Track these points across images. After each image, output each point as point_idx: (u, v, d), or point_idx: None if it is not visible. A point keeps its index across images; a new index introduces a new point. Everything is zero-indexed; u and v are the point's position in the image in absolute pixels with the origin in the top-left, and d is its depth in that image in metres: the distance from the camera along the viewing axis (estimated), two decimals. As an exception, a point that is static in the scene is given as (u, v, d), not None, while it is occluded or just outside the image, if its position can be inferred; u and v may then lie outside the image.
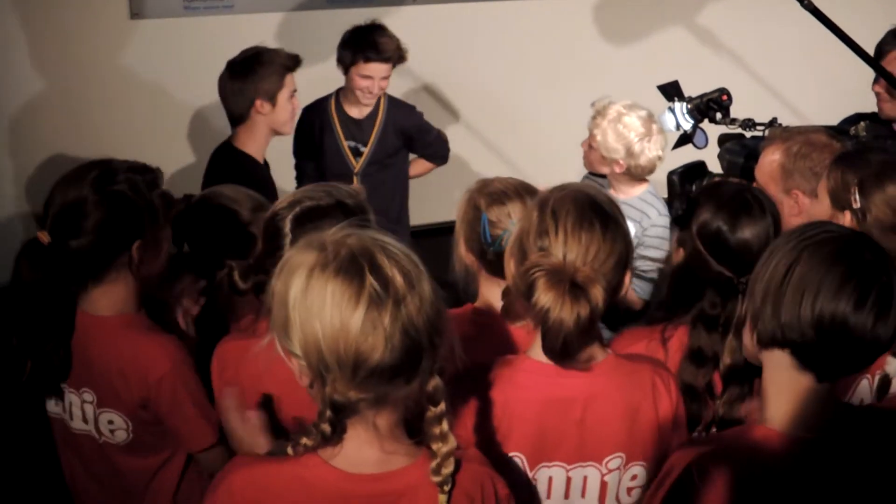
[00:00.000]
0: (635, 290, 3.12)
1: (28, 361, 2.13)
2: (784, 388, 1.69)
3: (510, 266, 1.91)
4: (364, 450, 1.53)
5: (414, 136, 4.08)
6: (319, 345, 1.46)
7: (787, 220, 2.52)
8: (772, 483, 1.67)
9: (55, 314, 2.11)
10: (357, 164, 3.92)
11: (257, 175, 3.35)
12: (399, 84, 4.99)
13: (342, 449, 1.54)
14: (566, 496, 1.91)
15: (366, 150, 3.93)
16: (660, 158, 3.30)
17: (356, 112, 3.90)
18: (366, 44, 3.77)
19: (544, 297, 1.76)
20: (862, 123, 3.11)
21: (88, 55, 4.76)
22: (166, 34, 4.79)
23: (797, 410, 1.68)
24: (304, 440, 1.53)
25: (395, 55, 3.79)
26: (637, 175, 3.33)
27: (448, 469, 1.51)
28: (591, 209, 1.86)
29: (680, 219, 2.20)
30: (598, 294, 1.77)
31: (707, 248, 2.13)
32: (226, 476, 1.57)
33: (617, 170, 3.33)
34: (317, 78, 4.96)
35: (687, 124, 2.93)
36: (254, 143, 3.45)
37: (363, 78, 3.79)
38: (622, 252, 1.87)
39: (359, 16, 5.04)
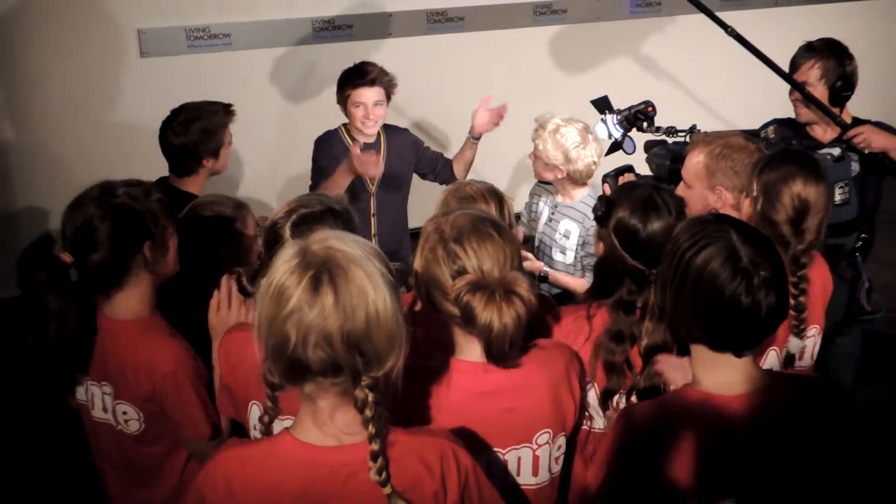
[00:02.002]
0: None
1: (47, 358, 2.12)
2: (709, 362, 1.72)
3: (424, 297, 1.85)
4: (315, 426, 1.52)
5: (416, 152, 3.95)
6: (262, 327, 1.46)
7: (714, 211, 2.55)
8: (711, 433, 1.69)
9: (80, 323, 2.09)
10: (372, 187, 3.81)
11: None
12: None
13: (303, 424, 1.53)
14: (506, 478, 1.88)
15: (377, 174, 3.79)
16: (595, 164, 3.30)
17: (364, 138, 3.78)
18: (351, 74, 3.70)
19: (485, 313, 1.72)
20: (770, 127, 3.13)
21: (105, 89, 4.77)
22: (172, 70, 4.80)
23: (722, 377, 1.71)
24: (264, 416, 1.58)
25: (381, 78, 3.68)
26: (577, 179, 3.33)
27: (378, 462, 1.47)
28: (482, 222, 1.82)
29: (599, 218, 2.19)
30: (525, 290, 1.75)
31: (622, 244, 2.10)
32: (216, 455, 1.58)
33: (559, 175, 3.35)
34: (305, 103, 5.01)
35: (617, 133, 2.93)
36: (196, 186, 3.38)
37: (357, 107, 3.68)
38: (516, 250, 1.83)
39: (342, 49, 5.08)
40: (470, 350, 1.83)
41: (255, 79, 4.93)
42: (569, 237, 3.36)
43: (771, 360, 2.31)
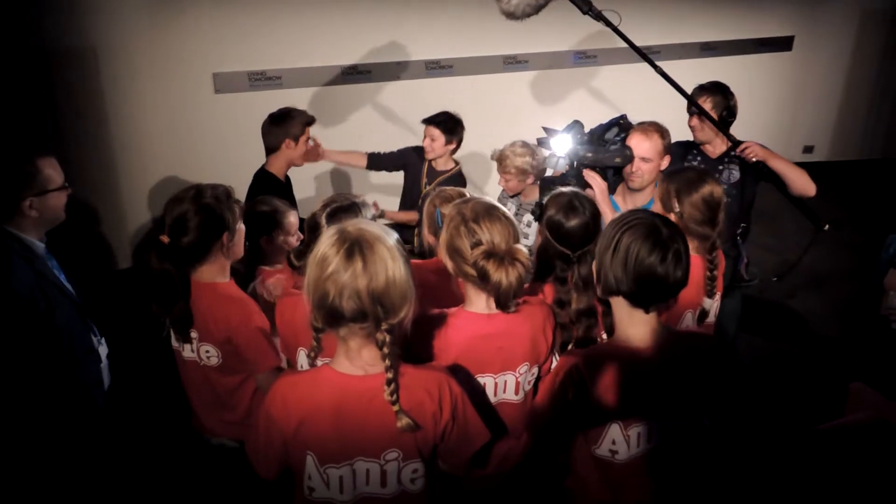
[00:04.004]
0: None
1: (166, 319, 2.12)
2: (626, 317, 1.70)
3: (448, 263, 1.84)
4: (347, 361, 1.52)
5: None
6: (310, 286, 1.46)
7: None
8: (626, 370, 1.70)
9: (180, 287, 2.08)
10: (424, 191, 3.82)
11: (278, 186, 3.30)
12: (393, 131, 4.96)
13: (338, 359, 1.54)
14: (495, 394, 1.91)
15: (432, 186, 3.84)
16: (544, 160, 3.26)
17: (434, 164, 3.83)
18: (430, 116, 3.76)
19: (496, 274, 1.73)
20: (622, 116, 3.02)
21: (189, 117, 4.73)
22: (238, 103, 4.77)
23: (635, 331, 1.71)
24: (311, 353, 1.56)
25: (442, 123, 3.70)
26: (539, 175, 3.29)
27: (391, 387, 1.48)
28: (493, 208, 1.83)
29: (538, 217, 2.16)
30: (524, 258, 1.77)
31: (551, 235, 2.08)
32: (276, 381, 1.58)
33: (529, 181, 3.31)
34: (336, 128, 4.97)
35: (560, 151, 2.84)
36: (278, 167, 3.38)
37: (425, 137, 3.74)
38: (515, 229, 1.84)
39: (363, 88, 5.04)
40: (478, 303, 1.83)
41: (300, 110, 4.88)
42: (530, 227, 3.34)
43: (687, 319, 2.29)
